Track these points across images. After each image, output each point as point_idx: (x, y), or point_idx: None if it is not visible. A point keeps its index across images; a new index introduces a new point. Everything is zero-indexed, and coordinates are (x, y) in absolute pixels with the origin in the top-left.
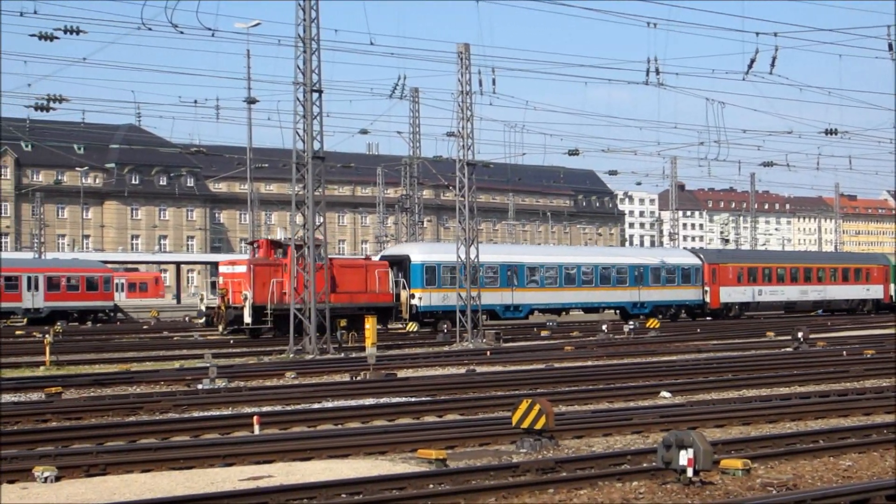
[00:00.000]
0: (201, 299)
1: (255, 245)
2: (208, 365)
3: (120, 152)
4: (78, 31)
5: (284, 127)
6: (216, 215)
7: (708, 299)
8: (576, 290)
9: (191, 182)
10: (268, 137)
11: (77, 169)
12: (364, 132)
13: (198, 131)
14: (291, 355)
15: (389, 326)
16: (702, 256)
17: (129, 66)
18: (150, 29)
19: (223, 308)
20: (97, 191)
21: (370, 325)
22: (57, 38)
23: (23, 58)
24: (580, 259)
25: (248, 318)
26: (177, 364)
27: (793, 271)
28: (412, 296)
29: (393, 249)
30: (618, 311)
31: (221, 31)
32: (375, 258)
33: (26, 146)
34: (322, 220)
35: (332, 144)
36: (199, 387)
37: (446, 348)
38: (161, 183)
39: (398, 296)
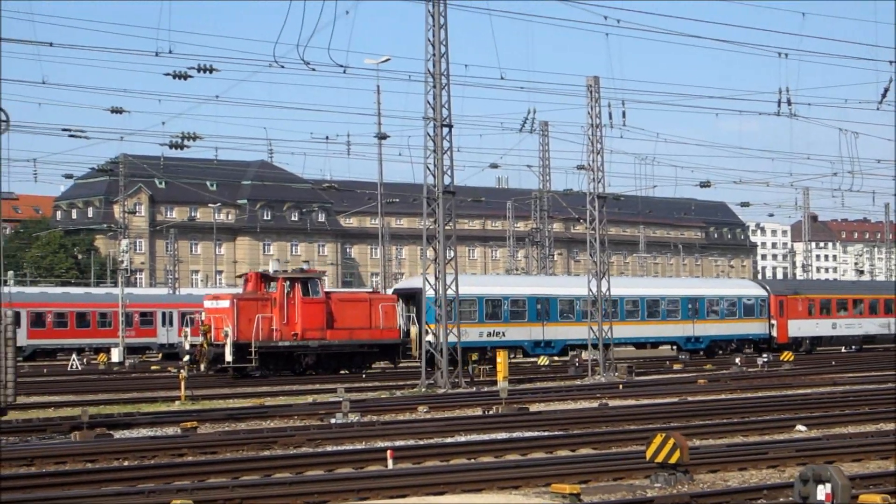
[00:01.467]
0: (185, 336)
1: (245, 278)
2: (341, 399)
3: (252, 188)
4: (211, 70)
5: (415, 162)
6: (347, 250)
7: (775, 333)
8: (616, 325)
9: (322, 217)
10: (398, 172)
11: (210, 205)
12: (494, 166)
13: (329, 167)
14: (423, 389)
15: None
16: (768, 288)
17: (261, 103)
18: (282, 66)
19: (206, 346)
20: (230, 227)
21: (502, 358)
22: (191, 76)
23: (157, 96)
24: (621, 291)
25: (228, 357)
26: (310, 398)
27: (872, 302)
28: (426, 332)
29: (406, 282)
30: (674, 347)
31: (352, 67)
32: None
33: (160, 183)
34: (453, 253)
35: (463, 178)
36: (333, 421)
37: (578, 382)
38: (293, 218)
39: (409, 332)
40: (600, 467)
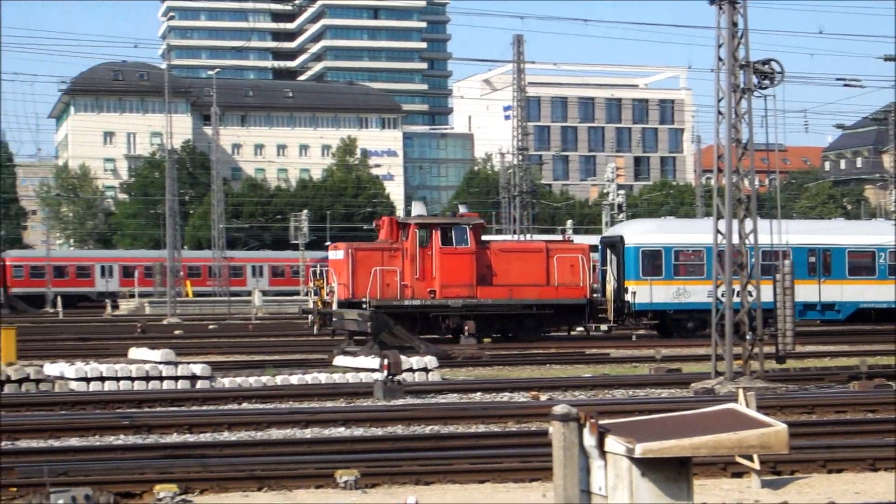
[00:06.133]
0: (307, 293)
1: (376, 225)
2: None
3: None
4: None
5: None
6: None
7: None
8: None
9: None
10: None
11: None
12: None
13: None
14: None
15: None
16: None
17: None
18: None
19: (319, 304)
20: None
21: None
22: None
23: None
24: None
25: (335, 318)
26: None
27: None
28: (625, 289)
29: (613, 229)
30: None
31: None
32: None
33: None
34: None
35: None
36: None
37: None
38: None
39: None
40: None
